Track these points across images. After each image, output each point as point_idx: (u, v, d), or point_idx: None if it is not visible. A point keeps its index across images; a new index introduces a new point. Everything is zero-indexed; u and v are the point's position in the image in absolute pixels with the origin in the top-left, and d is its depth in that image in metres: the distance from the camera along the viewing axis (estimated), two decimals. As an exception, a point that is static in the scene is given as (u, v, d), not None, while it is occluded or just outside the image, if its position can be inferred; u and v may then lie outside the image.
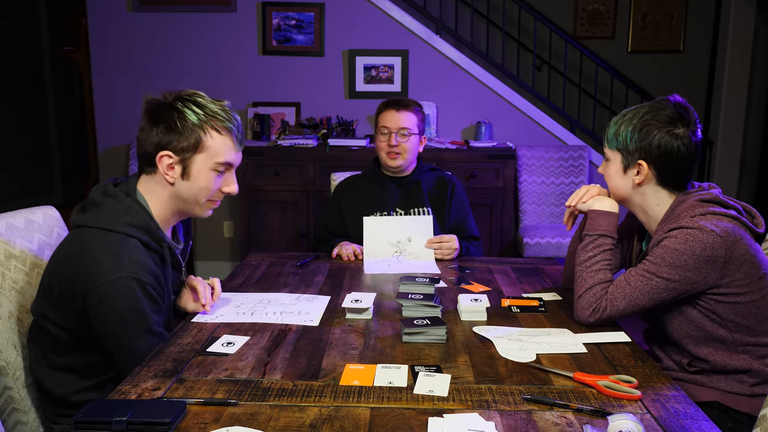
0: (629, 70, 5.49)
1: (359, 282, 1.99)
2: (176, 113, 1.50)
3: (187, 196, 1.55)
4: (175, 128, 1.49)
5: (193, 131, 1.50)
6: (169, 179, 1.52)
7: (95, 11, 4.46)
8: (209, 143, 1.52)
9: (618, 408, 1.20)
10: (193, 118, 1.50)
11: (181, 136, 1.50)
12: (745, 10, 5.19)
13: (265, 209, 4.14)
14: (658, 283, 1.53)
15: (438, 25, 4.59)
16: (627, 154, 1.62)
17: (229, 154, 1.55)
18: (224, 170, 1.57)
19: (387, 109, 2.48)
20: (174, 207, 1.58)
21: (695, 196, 1.60)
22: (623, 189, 1.67)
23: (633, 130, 1.60)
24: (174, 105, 1.51)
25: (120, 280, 1.42)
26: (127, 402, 1.18)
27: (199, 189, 1.54)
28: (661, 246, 1.54)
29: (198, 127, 1.50)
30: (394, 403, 1.20)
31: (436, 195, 2.51)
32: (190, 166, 1.52)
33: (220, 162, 1.54)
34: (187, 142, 1.50)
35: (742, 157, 5.39)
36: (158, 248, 1.55)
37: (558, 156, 4.37)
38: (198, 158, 1.52)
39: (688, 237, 1.50)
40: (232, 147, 1.56)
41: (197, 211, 1.59)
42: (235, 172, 1.62)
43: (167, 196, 1.55)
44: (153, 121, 1.51)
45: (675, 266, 1.51)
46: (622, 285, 1.57)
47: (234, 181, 1.61)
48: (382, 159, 2.48)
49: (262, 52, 4.48)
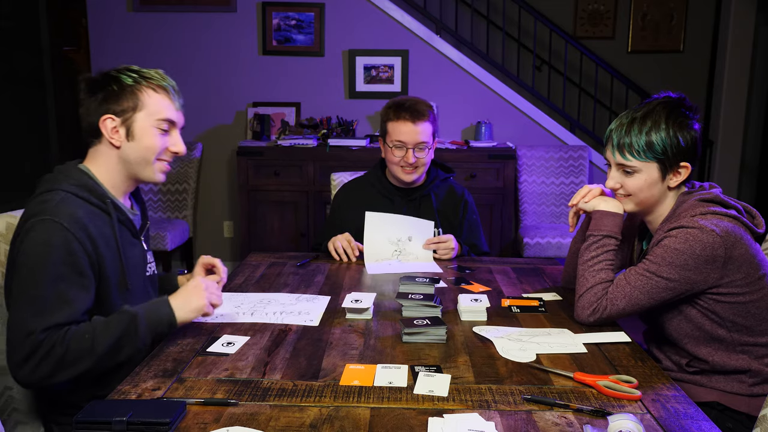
0: (629, 70, 5.49)
1: (359, 282, 1.99)
2: (112, 80, 1.56)
3: (134, 158, 1.57)
4: (113, 92, 1.54)
5: (130, 92, 1.55)
6: (115, 142, 1.55)
7: (95, 11, 4.47)
8: (147, 101, 1.56)
9: (618, 408, 1.20)
10: (129, 80, 1.55)
11: (120, 98, 1.54)
12: (745, 10, 5.19)
13: (265, 209, 4.14)
14: (658, 282, 1.52)
15: (438, 25, 4.59)
16: (667, 161, 1.57)
17: (169, 111, 1.59)
18: (168, 128, 1.59)
19: (401, 119, 2.24)
20: (124, 172, 1.59)
21: (696, 195, 1.59)
22: (658, 195, 1.62)
23: (670, 136, 1.55)
24: (109, 73, 1.57)
25: (41, 222, 1.42)
26: (127, 402, 1.18)
27: (145, 148, 1.56)
28: (661, 245, 1.54)
29: (134, 87, 1.55)
30: (394, 403, 1.20)
31: (447, 211, 2.37)
32: (132, 125, 1.55)
33: (161, 119, 1.57)
34: (127, 103, 1.54)
35: (742, 157, 5.39)
36: (100, 203, 1.53)
37: (558, 156, 4.37)
38: (139, 117, 1.55)
39: (688, 236, 1.50)
40: (170, 104, 1.59)
41: (147, 173, 1.59)
42: (179, 132, 1.64)
43: (115, 161, 1.57)
44: (91, 92, 1.56)
45: (675, 266, 1.50)
46: (622, 284, 1.57)
47: (180, 140, 1.63)
48: (395, 173, 2.30)
49: (262, 52, 4.48)
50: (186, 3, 4.41)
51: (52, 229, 1.41)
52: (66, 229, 1.41)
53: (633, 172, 1.61)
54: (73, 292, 1.42)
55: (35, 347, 1.35)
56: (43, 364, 1.36)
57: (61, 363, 1.37)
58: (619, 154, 1.61)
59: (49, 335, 1.36)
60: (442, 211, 2.37)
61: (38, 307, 1.38)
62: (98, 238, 1.48)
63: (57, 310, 1.38)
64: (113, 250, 1.53)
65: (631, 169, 1.61)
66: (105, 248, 1.49)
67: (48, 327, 1.37)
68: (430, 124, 2.27)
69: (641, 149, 1.57)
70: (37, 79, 6.02)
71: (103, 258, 1.49)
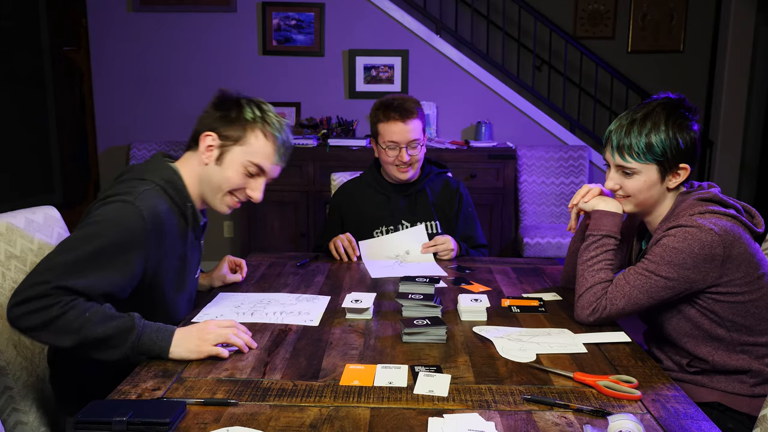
0: (629, 70, 5.49)
1: (359, 282, 1.99)
2: (237, 106, 1.61)
3: (212, 181, 1.60)
4: (228, 117, 1.59)
5: (242, 125, 1.59)
6: (205, 159, 1.59)
7: (95, 11, 4.47)
8: (251, 141, 1.60)
9: (618, 408, 1.20)
10: (249, 115, 1.60)
11: (231, 126, 1.59)
12: (745, 10, 5.19)
13: (265, 209, 4.14)
14: (657, 281, 1.52)
15: (438, 25, 4.59)
16: (666, 163, 1.57)
17: (265, 159, 1.61)
18: (255, 173, 1.62)
19: (390, 119, 2.25)
20: (200, 188, 1.62)
21: (695, 195, 1.59)
22: (657, 196, 1.62)
23: (669, 138, 1.55)
24: (239, 100, 1.63)
25: (124, 202, 1.45)
26: (127, 402, 1.18)
27: (225, 177, 1.59)
28: (660, 245, 1.54)
29: (249, 123, 1.59)
30: (394, 403, 1.20)
31: (443, 204, 2.40)
32: (226, 153, 1.59)
33: (254, 162, 1.60)
34: (234, 132, 1.59)
35: (742, 157, 5.39)
36: (182, 205, 1.57)
37: (558, 156, 4.37)
38: (236, 149, 1.59)
39: (687, 235, 1.49)
40: (271, 154, 1.62)
41: (216, 200, 1.63)
42: (265, 184, 1.66)
43: (198, 175, 1.61)
44: (215, 108, 1.62)
45: (674, 265, 1.50)
46: (622, 284, 1.57)
47: (260, 188, 1.65)
48: (391, 173, 2.32)
49: (262, 52, 4.48)
50: (186, 3, 4.41)
51: (130, 212, 1.44)
52: (143, 218, 1.45)
53: (632, 174, 1.60)
54: (109, 271, 1.41)
55: (40, 296, 1.34)
56: (35, 315, 1.34)
57: (49, 324, 1.34)
58: (619, 155, 1.60)
59: (58, 294, 1.35)
60: (437, 205, 2.40)
61: (69, 265, 1.37)
62: (168, 236, 1.53)
63: (81, 277, 1.37)
64: (177, 251, 1.57)
65: (630, 171, 1.60)
66: (170, 247, 1.54)
67: (63, 286, 1.35)
68: (419, 121, 2.29)
69: (641, 151, 1.57)
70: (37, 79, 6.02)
71: (166, 255, 1.53)
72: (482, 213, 4.07)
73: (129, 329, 1.38)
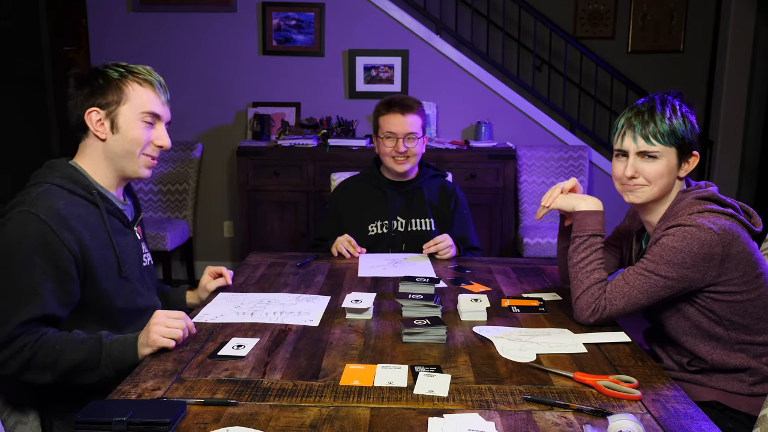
0: (629, 70, 5.49)
1: (359, 282, 1.99)
2: (98, 74, 1.59)
3: (119, 150, 1.58)
4: (99, 86, 1.57)
5: (115, 86, 1.57)
6: (100, 135, 1.57)
7: (95, 11, 4.46)
8: (131, 94, 1.58)
9: (618, 408, 1.20)
10: (115, 74, 1.58)
11: (105, 91, 1.57)
12: (745, 10, 5.19)
13: (265, 209, 4.14)
14: (656, 281, 1.53)
15: (438, 25, 4.59)
16: (685, 148, 1.60)
17: (154, 105, 1.60)
18: (153, 122, 1.61)
19: (390, 111, 2.37)
20: (111, 167, 1.60)
21: (693, 194, 1.60)
22: (671, 184, 1.64)
23: (685, 123, 1.59)
24: (96, 68, 1.60)
25: (18, 213, 1.43)
26: (127, 402, 1.18)
27: (129, 141, 1.58)
28: (658, 244, 1.54)
29: (119, 81, 1.58)
30: (394, 403, 1.20)
31: (439, 205, 2.47)
32: (117, 118, 1.57)
33: (146, 111, 1.59)
34: (111, 96, 1.57)
35: (742, 157, 5.39)
36: (86, 194, 1.54)
37: (558, 156, 4.37)
38: (123, 110, 1.57)
39: (686, 235, 1.50)
40: (155, 98, 1.61)
41: (133, 167, 1.60)
42: (165, 127, 1.65)
43: (102, 155, 1.59)
44: (78, 87, 1.59)
45: (673, 264, 1.51)
46: (621, 284, 1.57)
47: (165, 134, 1.64)
48: (388, 164, 2.41)
49: (262, 52, 4.48)
50: (186, 3, 4.41)
51: (28, 219, 1.42)
52: (42, 221, 1.43)
53: (655, 158, 1.60)
54: (48, 284, 1.42)
55: (8, 341, 1.38)
56: (11, 362, 1.39)
57: (28, 366, 1.40)
58: (643, 139, 1.59)
59: (23, 334, 1.39)
60: (433, 203, 2.46)
61: (12, 298, 1.39)
62: (81, 228, 1.49)
63: (30, 302, 1.40)
64: (103, 239, 1.54)
65: (654, 154, 1.60)
66: (90, 238, 1.51)
67: (23, 322, 1.38)
68: (418, 117, 2.39)
69: (666, 133, 1.58)
70: (37, 79, 6.01)
71: (88, 248, 1.49)
72: (482, 213, 4.07)
73: (97, 350, 1.42)
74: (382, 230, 2.41)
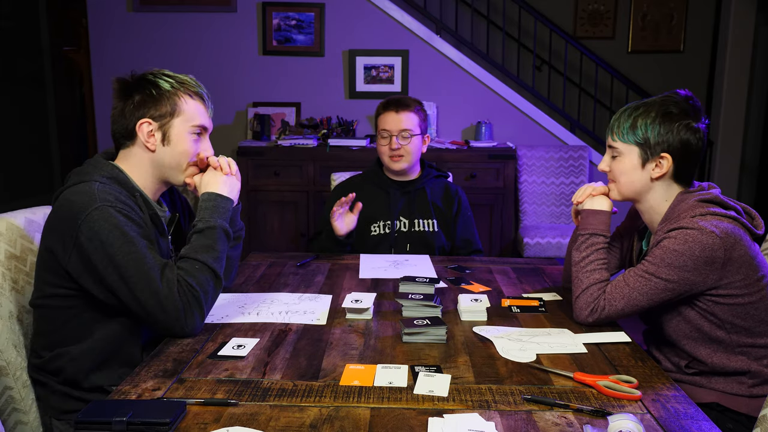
0: (629, 70, 5.49)
1: (359, 282, 1.99)
2: (149, 84, 1.59)
3: (168, 162, 1.60)
4: (150, 97, 1.58)
5: (168, 98, 1.58)
6: (150, 146, 1.58)
7: (95, 11, 4.46)
8: (184, 107, 1.60)
9: (618, 408, 1.20)
10: (167, 86, 1.59)
11: (158, 103, 1.58)
12: (745, 10, 5.19)
13: (265, 209, 4.14)
14: (657, 283, 1.52)
15: (438, 25, 4.59)
16: (647, 148, 1.58)
17: (203, 118, 1.64)
18: (201, 134, 1.64)
19: (386, 110, 2.41)
20: (156, 175, 1.62)
21: (696, 195, 1.59)
22: (639, 184, 1.63)
23: (654, 123, 1.57)
24: (145, 78, 1.60)
25: (96, 210, 1.45)
26: (127, 402, 1.18)
27: (180, 153, 1.60)
28: (660, 246, 1.54)
29: (172, 93, 1.59)
30: (394, 403, 1.20)
31: (442, 206, 2.46)
32: (169, 131, 1.59)
33: (197, 125, 1.62)
34: (164, 108, 1.58)
35: (742, 157, 5.39)
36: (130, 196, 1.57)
37: (558, 156, 4.37)
38: (175, 123, 1.59)
39: (688, 238, 1.49)
40: (204, 111, 1.65)
41: (179, 177, 1.64)
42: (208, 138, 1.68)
43: (148, 164, 1.61)
44: (127, 96, 1.59)
45: (674, 267, 1.50)
46: (621, 285, 1.57)
47: (209, 146, 1.68)
48: (385, 162, 2.43)
49: (262, 52, 4.48)
50: (186, 3, 4.41)
51: (108, 213, 1.46)
52: (119, 211, 1.47)
53: (617, 156, 1.64)
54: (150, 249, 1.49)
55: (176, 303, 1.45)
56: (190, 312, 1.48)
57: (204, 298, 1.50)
58: (610, 135, 1.64)
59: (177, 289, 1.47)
60: (436, 204, 2.45)
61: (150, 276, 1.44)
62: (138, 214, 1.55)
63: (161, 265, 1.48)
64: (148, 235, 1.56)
65: (616, 153, 1.64)
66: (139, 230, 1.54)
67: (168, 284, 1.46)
68: (413, 115, 2.41)
69: (625, 131, 1.60)
70: (37, 79, 6.02)
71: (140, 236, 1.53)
72: (482, 213, 4.07)
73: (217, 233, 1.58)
74: (384, 231, 2.40)
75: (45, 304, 1.54)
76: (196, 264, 1.52)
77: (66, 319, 1.53)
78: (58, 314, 1.53)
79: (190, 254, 1.54)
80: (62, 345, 1.53)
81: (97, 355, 1.53)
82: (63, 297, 1.51)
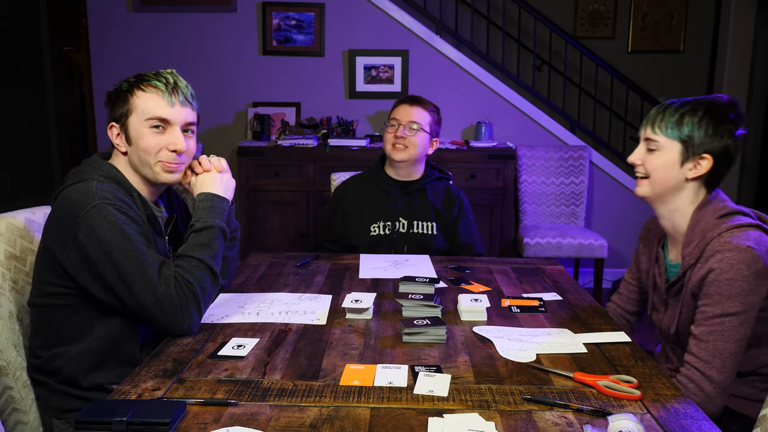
0: (629, 70, 5.49)
1: (359, 282, 1.99)
2: (115, 88, 1.61)
3: (137, 161, 1.61)
4: (111, 100, 1.61)
5: (123, 97, 1.59)
6: (121, 149, 1.61)
7: (95, 11, 4.47)
8: (137, 103, 1.58)
9: (618, 408, 1.20)
10: (124, 85, 1.60)
11: (116, 105, 1.60)
12: (745, 10, 5.19)
13: (265, 209, 4.14)
14: (730, 321, 1.45)
15: (438, 25, 4.59)
16: (690, 146, 1.53)
17: (158, 109, 1.58)
18: (162, 127, 1.59)
19: (401, 103, 2.45)
20: (138, 175, 1.63)
21: (711, 212, 1.55)
22: (673, 181, 1.57)
23: (703, 123, 1.52)
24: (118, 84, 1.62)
25: (94, 209, 1.46)
26: (127, 402, 1.18)
27: (142, 150, 1.59)
28: (711, 284, 1.47)
29: (127, 92, 1.59)
30: (394, 403, 1.20)
31: (443, 209, 2.44)
32: (128, 130, 1.59)
33: (150, 117, 1.58)
34: (121, 108, 1.59)
35: (742, 157, 5.39)
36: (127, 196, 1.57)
37: (558, 156, 4.37)
38: (132, 120, 1.59)
39: (731, 261, 1.44)
40: (161, 101, 1.58)
41: (152, 174, 1.62)
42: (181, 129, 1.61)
43: (128, 167, 1.63)
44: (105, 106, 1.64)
45: (734, 296, 1.45)
46: (700, 353, 1.48)
47: (179, 138, 1.60)
48: (387, 152, 2.42)
49: (262, 52, 4.48)
50: (186, 3, 4.41)
51: (107, 211, 1.47)
52: (117, 209, 1.49)
53: (655, 150, 1.57)
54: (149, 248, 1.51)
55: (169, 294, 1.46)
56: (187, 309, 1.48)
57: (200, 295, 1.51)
58: (650, 127, 1.58)
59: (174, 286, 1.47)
60: (437, 207, 2.44)
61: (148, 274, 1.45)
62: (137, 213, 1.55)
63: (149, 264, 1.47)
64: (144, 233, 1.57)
65: (654, 146, 1.57)
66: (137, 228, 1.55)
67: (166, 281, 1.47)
68: (426, 113, 2.43)
69: (670, 125, 1.55)
70: (37, 79, 6.01)
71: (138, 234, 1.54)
72: (482, 213, 4.07)
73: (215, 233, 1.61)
74: (384, 231, 2.40)
75: (43, 303, 1.54)
76: (193, 261, 1.53)
77: (64, 318, 1.53)
78: (57, 313, 1.53)
79: (187, 252, 1.55)
80: (60, 344, 1.53)
81: (95, 355, 1.53)
82: (61, 296, 1.52)
